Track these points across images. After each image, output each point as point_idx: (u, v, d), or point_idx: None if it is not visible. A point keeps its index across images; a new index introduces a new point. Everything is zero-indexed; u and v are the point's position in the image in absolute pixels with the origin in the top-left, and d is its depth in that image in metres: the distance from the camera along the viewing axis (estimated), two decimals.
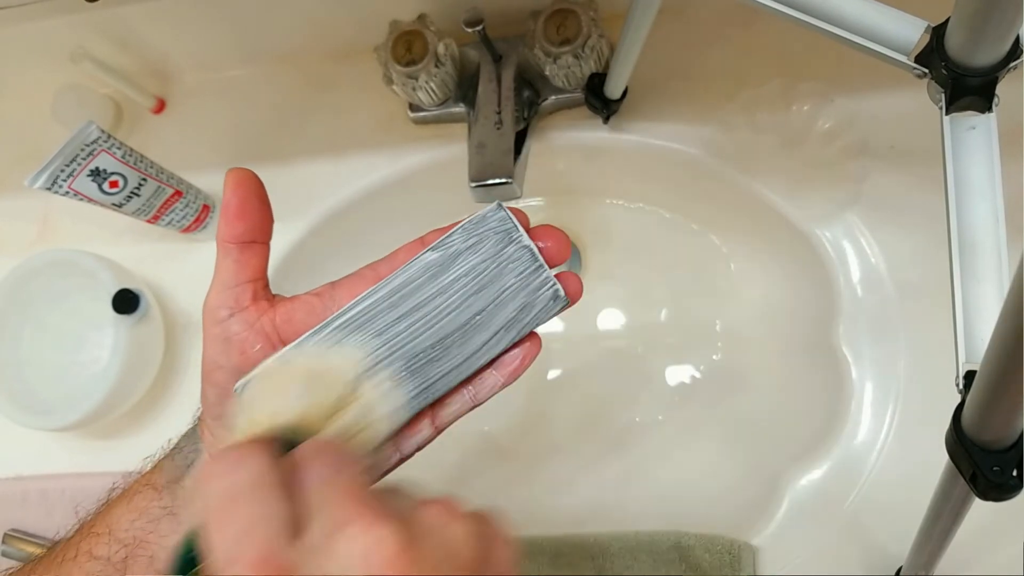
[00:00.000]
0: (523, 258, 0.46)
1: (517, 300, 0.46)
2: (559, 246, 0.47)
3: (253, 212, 0.47)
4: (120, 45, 0.93)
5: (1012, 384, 0.34)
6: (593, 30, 0.78)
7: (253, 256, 0.48)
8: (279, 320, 0.47)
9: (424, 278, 0.46)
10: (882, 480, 0.73)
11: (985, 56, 0.47)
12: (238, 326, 0.46)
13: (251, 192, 0.47)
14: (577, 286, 0.48)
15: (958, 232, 0.47)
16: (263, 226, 0.48)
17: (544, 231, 0.47)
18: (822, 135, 0.80)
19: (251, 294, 0.47)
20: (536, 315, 0.47)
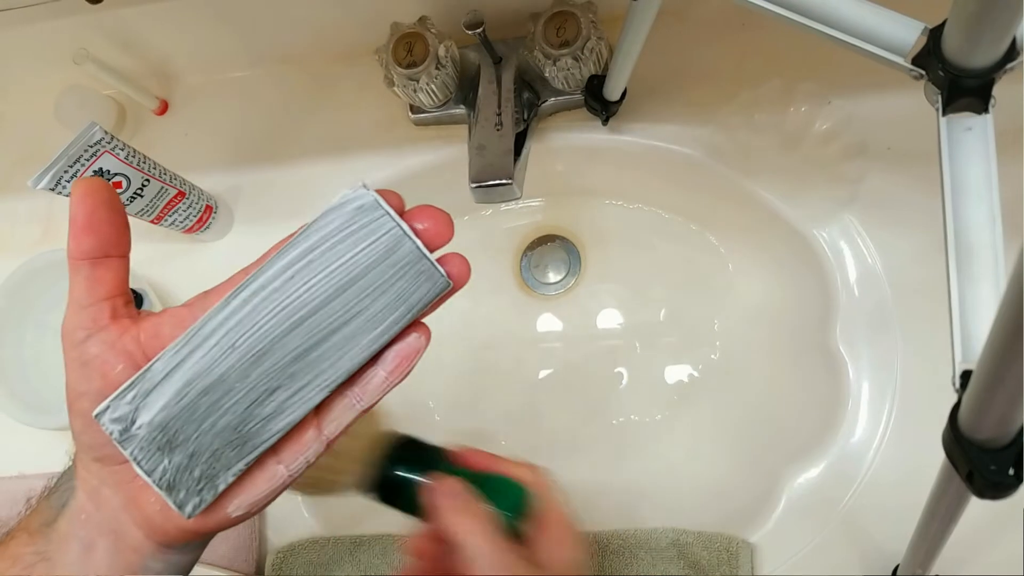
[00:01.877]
0: (396, 242, 0.42)
1: (394, 289, 0.43)
2: (439, 227, 0.44)
3: (103, 224, 0.44)
4: (123, 47, 0.94)
5: (1008, 383, 0.34)
6: (592, 32, 0.78)
7: (108, 272, 0.44)
8: (144, 337, 0.44)
9: (284, 278, 0.42)
10: (879, 479, 0.73)
11: (982, 58, 0.47)
12: (97, 347, 0.43)
13: (100, 202, 0.44)
14: (463, 267, 0.45)
15: (954, 232, 0.47)
16: (116, 239, 0.45)
17: (421, 212, 0.44)
18: (820, 136, 0.81)
19: (109, 312, 0.44)
20: (416, 303, 0.43)
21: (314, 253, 0.42)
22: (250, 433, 0.43)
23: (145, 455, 0.42)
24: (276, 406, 0.43)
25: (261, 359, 0.42)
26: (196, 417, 0.42)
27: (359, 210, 0.42)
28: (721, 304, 0.91)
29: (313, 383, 0.43)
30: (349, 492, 0.58)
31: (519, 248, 0.98)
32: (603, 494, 0.88)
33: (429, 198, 0.90)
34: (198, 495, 0.43)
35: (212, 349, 0.42)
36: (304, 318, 0.42)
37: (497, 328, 0.96)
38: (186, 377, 0.42)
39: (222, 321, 0.42)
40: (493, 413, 0.93)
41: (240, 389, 0.42)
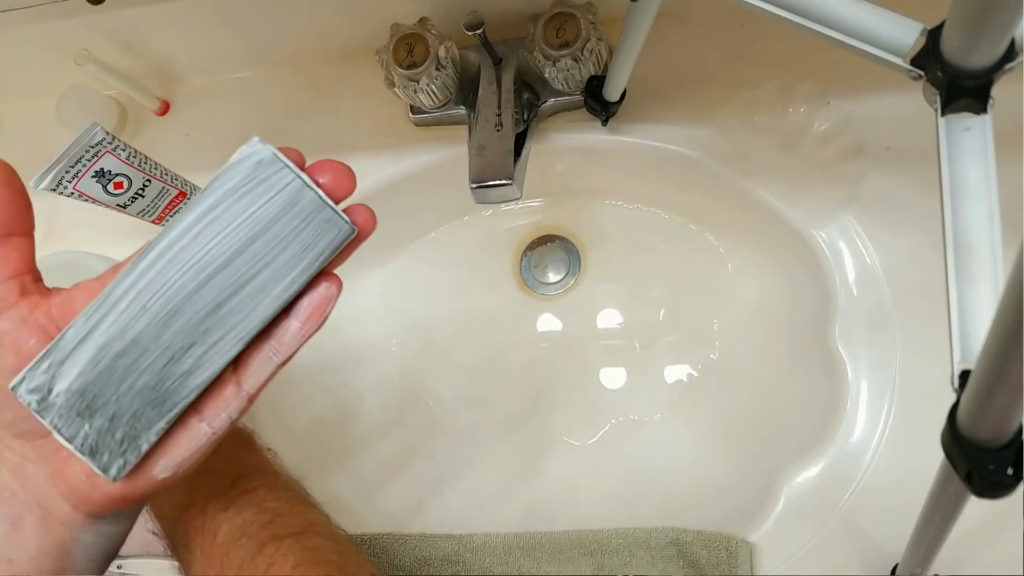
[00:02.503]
0: (298, 194, 0.43)
1: (299, 239, 0.43)
2: (339, 179, 0.44)
3: (3, 204, 0.45)
4: (124, 47, 0.94)
5: (1007, 383, 0.34)
6: (592, 33, 0.78)
7: (13, 251, 0.45)
8: (56, 311, 0.44)
9: (189, 236, 0.43)
10: (878, 478, 0.73)
11: (980, 58, 0.47)
12: (7, 324, 0.44)
13: (1, 182, 0.45)
14: (368, 215, 0.46)
15: (953, 233, 0.47)
16: (18, 216, 0.45)
17: (322, 165, 0.45)
18: (819, 136, 0.81)
19: (17, 290, 0.44)
20: (322, 251, 0.44)
21: (217, 210, 0.43)
22: (169, 391, 0.44)
23: (65, 422, 0.43)
24: (192, 362, 0.43)
25: (173, 318, 0.43)
26: (113, 380, 0.43)
27: (258, 164, 0.43)
28: (720, 304, 0.91)
29: (227, 337, 0.43)
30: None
31: (519, 248, 0.98)
32: (602, 493, 0.88)
33: (429, 198, 0.92)
34: (121, 456, 0.44)
35: (124, 312, 0.43)
36: (213, 274, 0.43)
37: (497, 328, 0.96)
38: (100, 342, 0.43)
39: (131, 284, 0.43)
40: (492, 412, 0.94)
41: (155, 349, 0.43)
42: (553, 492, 0.89)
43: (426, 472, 0.92)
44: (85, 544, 0.47)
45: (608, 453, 0.89)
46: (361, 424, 0.95)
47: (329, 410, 0.92)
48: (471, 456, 0.92)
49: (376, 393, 0.96)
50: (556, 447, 0.91)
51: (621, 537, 0.79)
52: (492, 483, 0.91)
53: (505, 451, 0.92)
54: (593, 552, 0.79)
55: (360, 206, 0.46)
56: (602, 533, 0.80)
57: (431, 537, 0.83)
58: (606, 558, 0.79)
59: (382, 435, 0.94)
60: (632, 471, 0.88)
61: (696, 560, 0.76)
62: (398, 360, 0.97)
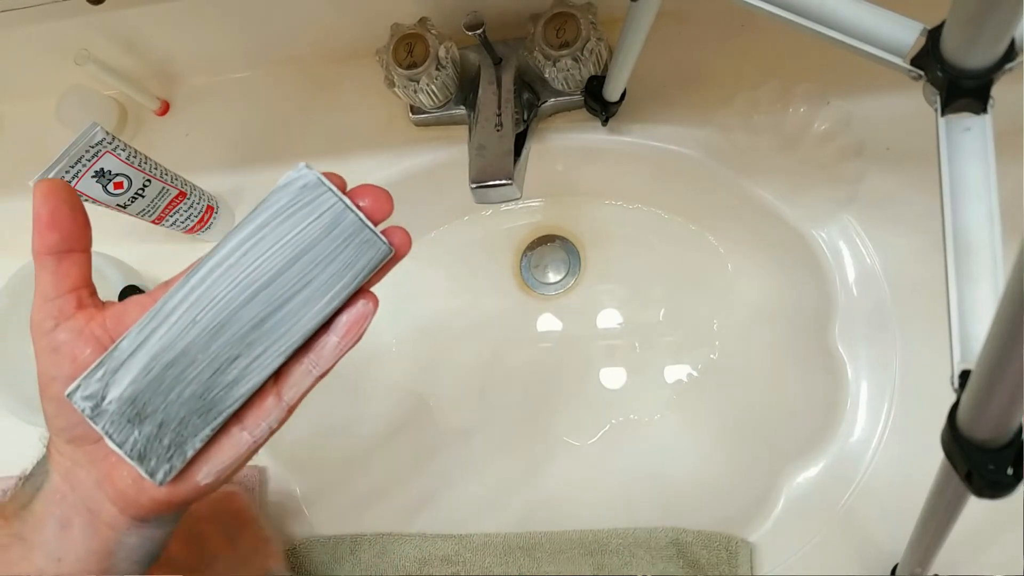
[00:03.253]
0: (339, 216, 0.46)
1: (340, 259, 0.46)
2: (378, 203, 0.47)
3: (65, 221, 0.47)
4: (124, 47, 0.94)
5: (1007, 383, 0.34)
6: (592, 33, 0.78)
7: (72, 266, 0.47)
8: (110, 323, 0.46)
9: (238, 254, 0.45)
10: (878, 478, 0.73)
11: (980, 58, 0.47)
12: (65, 335, 0.46)
13: (61, 201, 0.47)
14: (404, 237, 0.48)
15: (953, 232, 0.47)
16: (79, 234, 0.48)
17: (362, 189, 0.47)
18: (818, 136, 0.81)
19: (75, 303, 0.47)
20: (361, 270, 0.46)
21: (265, 230, 0.45)
22: (214, 400, 0.46)
23: (116, 428, 0.45)
24: (237, 373, 0.46)
25: (221, 330, 0.45)
26: (163, 389, 0.45)
27: (303, 188, 0.46)
28: (720, 304, 0.91)
29: (270, 349, 0.46)
30: None
31: (519, 248, 0.98)
32: (602, 493, 0.88)
33: (429, 198, 0.91)
34: (168, 462, 0.46)
35: (175, 325, 0.45)
36: (259, 290, 0.45)
37: (497, 328, 0.96)
38: (151, 352, 0.45)
39: (183, 298, 0.45)
40: (493, 412, 0.94)
41: (203, 360, 0.45)
42: (553, 492, 0.89)
43: (426, 472, 0.92)
44: (129, 546, 0.49)
45: (608, 453, 0.89)
46: (361, 424, 0.95)
47: (329, 410, 0.92)
48: (471, 456, 0.92)
49: (376, 393, 0.96)
50: (556, 447, 0.91)
51: (621, 537, 0.79)
52: (492, 483, 0.91)
53: (505, 451, 0.92)
54: (593, 552, 0.79)
55: (397, 228, 0.48)
56: (602, 533, 0.80)
57: (431, 537, 0.83)
58: (606, 558, 0.79)
59: (382, 435, 0.94)
60: (632, 471, 0.88)
61: (696, 560, 0.76)
62: (398, 360, 0.97)
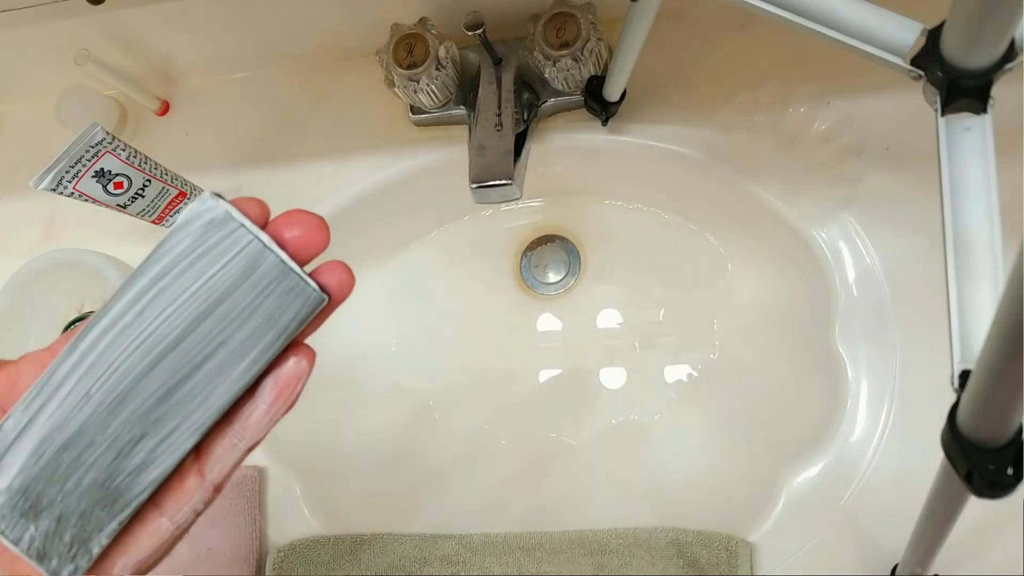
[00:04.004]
0: (258, 257, 0.37)
1: (260, 311, 0.38)
2: (310, 233, 0.38)
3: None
4: (124, 47, 0.94)
5: (1007, 383, 0.34)
6: (592, 33, 0.78)
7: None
8: (1, 390, 0.39)
9: (134, 312, 0.38)
10: (878, 478, 0.73)
11: (980, 58, 0.47)
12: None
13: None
14: (343, 275, 0.39)
15: (953, 232, 0.47)
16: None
17: (289, 218, 0.39)
18: (819, 136, 0.81)
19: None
20: (287, 324, 0.38)
21: (164, 280, 0.38)
22: (120, 488, 0.39)
23: (8, 524, 0.39)
24: (145, 456, 0.39)
25: (121, 405, 0.38)
26: (58, 477, 0.38)
27: (210, 225, 0.37)
28: (720, 304, 0.91)
29: (182, 427, 0.39)
30: None
31: (519, 248, 0.98)
32: (602, 493, 0.88)
33: (429, 198, 0.91)
34: (71, 562, 0.39)
35: (65, 400, 0.38)
36: (163, 354, 0.38)
37: (497, 328, 0.96)
38: (41, 433, 0.38)
39: (72, 367, 0.38)
40: (492, 413, 0.94)
41: (102, 441, 0.38)
42: (553, 492, 0.89)
43: (426, 472, 0.92)
44: None
45: (608, 453, 0.89)
46: (361, 424, 0.95)
47: (329, 410, 0.92)
48: (471, 456, 0.92)
49: (376, 393, 0.96)
50: (556, 447, 0.91)
51: (621, 537, 0.79)
52: (492, 483, 0.91)
53: (505, 451, 0.92)
54: (593, 552, 0.79)
55: (334, 264, 0.40)
56: (602, 533, 0.80)
57: (431, 537, 0.83)
58: (606, 558, 0.79)
59: (382, 435, 0.94)
60: (632, 471, 0.88)
61: (696, 560, 0.76)
62: (398, 360, 0.97)
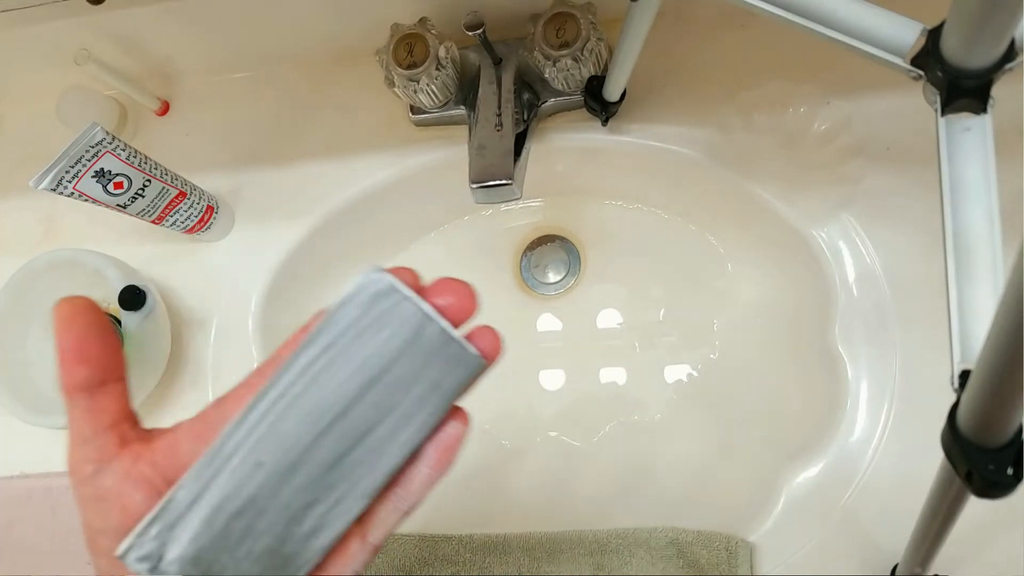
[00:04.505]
0: (420, 327, 0.39)
1: (424, 379, 0.39)
2: (463, 301, 0.41)
3: (94, 350, 0.40)
4: (125, 47, 0.94)
5: (1007, 383, 0.34)
6: (592, 33, 0.78)
7: (108, 399, 0.41)
8: (160, 459, 0.40)
9: (304, 382, 0.39)
10: (878, 478, 0.73)
11: (980, 58, 0.47)
12: (110, 479, 0.39)
13: (88, 326, 0.40)
14: (494, 341, 0.42)
15: (953, 232, 0.47)
16: (111, 363, 0.41)
17: (442, 287, 0.41)
18: (819, 136, 0.81)
19: (117, 441, 0.40)
20: (449, 390, 0.40)
21: (333, 351, 0.39)
22: (291, 555, 0.39)
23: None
24: (315, 522, 0.39)
25: (292, 473, 0.39)
26: (230, 544, 0.39)
27: (375, 297, 0.39)
28: (720, 304, 0.91)
29: (352, 492, 0.40)
30: None
31: (519, 248, 0.98)
32: (602, 493, 0.88)
33: (429, 198, 0.91)
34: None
35: (237, 469, 0.39)
36: (332, 423, 0.39)
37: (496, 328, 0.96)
38: (213, 502, 0.38)
39: (244, 437, 0.39)
40: (492, 413, 0.94)
41: (273, 508, 0.39)
42: (553, 492, 0.89)
43: None
44: None
45: (608, 453, 0.89)
46: None
47: None
48: (470, 456, 0.92)
49: None
50: (556, 447, 0.91)
51: (621, 537, 0.79)
52: (492, 483, 0.91)
53: (504, 451, 0.92)
54: (593, 552, 0.79)
55: (485, 330, 0.42)
56: (602, 533, 0.80)
57: (431, 537, 0.83)
58: (606, 558, 0.79)
59: None
60: (632, 471, 0.88)
61: (696, 560, 0.76)
62: None
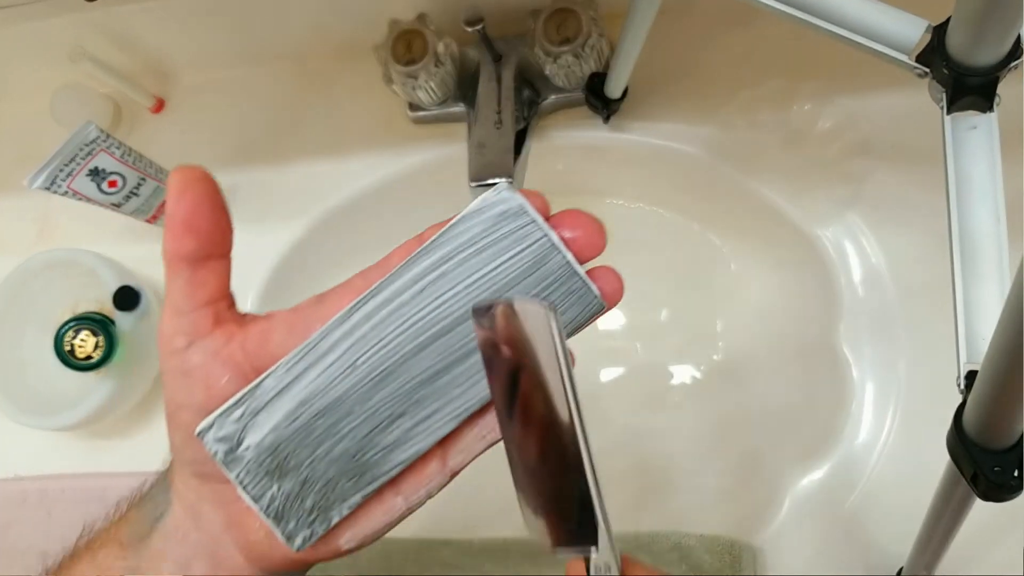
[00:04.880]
0: (545, 255, 0.38)
1: None
2: (590, 236, 0.39)
3: (205, 223, 0.39)
4: (119, 44, 0.93)
5: (1013, 384, 0.34)
6: (593, 29, 0.78)
7: (211, 274, 0.39)
8: (251, 345, 0.39)
9: (414, 290, 0.38)
10: (883, 481, 0.73)
11: (986, 56, 0.47)
12: (199, 356, 0.39)
13: (203, 197, 0.39)
14: (616, 284, 0.39)
15: (959, 232, 0.47)
16: (220, 239, 0.40)
17: (570, 218, 0.39)
18: (823, 134, 0.80)
19: (212, 318, 0.39)
20: (567, 327, 0.38)
21: (449, 264, 0.38)
22: (369, 463, 0.39)
23: (252, 479, 0.39)
24: (400, 435, 0.39)
25: (384, 381, 0.38)
26: (310, 441, 0.39)
27: (502, 216, 0.38)
28: (723, 304, 0.90)
29: (442, 412, 0.39)
30: None
31: None
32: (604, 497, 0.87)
33: (428, 197, 0.91)
34: (308, 527, 0.39)
35: (330, 367, 0.38)
36: (435, 337, 0.38)
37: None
38: (300, 396, 0.38)
39: (343, 336, 0.38)
40: None
41: (360, 413, 0.38)
42: None
43: None
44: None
45: (610, 455, 0.89)
46: None
47: None
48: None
49: None
50: None
51: (623, 541, 0.78)
52: (492, 487, 0.90)
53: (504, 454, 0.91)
54: None
55: (607, 270, 0.40)
56: None
57: (430, 542, 0.83)
58: None
59: None
60: (634, 474, 0.87)
61: (699, 564, 0.75)
62: None
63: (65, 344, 0.82)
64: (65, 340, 0.82)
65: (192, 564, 0.41)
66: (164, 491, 0.43)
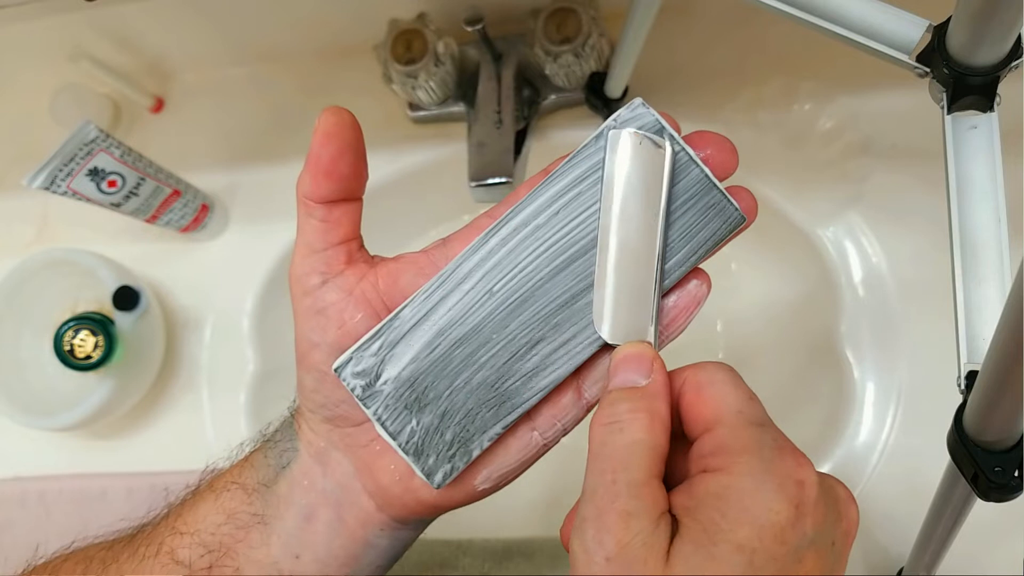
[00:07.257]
0: (682, 170, 0.37)
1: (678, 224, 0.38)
2: (724, 154, 0.39)
3: (346, 170, 0.39)
4: (118, 44, 0.93)
5: (1014, 384, 0.34)
6: (593, 29, 0.78)
7: (344, 215, 0.40)
8: (383, 284, 0.40)
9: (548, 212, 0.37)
10: (884, 481, 0.73)
11: (986, 55, 0.46)
12: (333, 294, 0.39)
13: (346, 145, 0.39)
14: (752, 201, 0.40)
15: (959, 232, 0.47)
16: (357, 184, 0.40)
17: (702, 137, 0.39)
18: (823, 134, 0.80)
19: (345, 257, 0.40)
20: (704, 241, 0.38)
21: (584, 184, 0.38)
22: (509, 392, 0.38)
23: (390, 415, 0.38)
24: (539, 361, 0.38)
25: (522, 307, 0.38)
26: (448, 372, 0.38)
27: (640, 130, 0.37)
28: (724, 304, 0.90)
29: (580, 336, 0.38)
30: None
31: None
32: None
33: (428, 196, 0.91)
34: (449, 462, 0.39)
35: (467, 294, 0.38)
36: (572, 259, 0.37)
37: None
38: (438, 326, 0.38)
39: (478, 262, 0.38)
40: None
41: (498, 341, 0.38)
42: (552, 495, 0.88)
43: None
44: (377, 549, 0.43)
45: None
46: None
47: None
48: None
49: None
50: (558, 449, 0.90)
51: None
52: None
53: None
54: None
55: (743, 190, 0.40)
56: None
57: (429, 542, 0.83)
58: None
59: None
60: None
61: None
62: None
63: (64, 344, 0.82)
64: (64, 340, 0.82)
65: (318, 513, 0.42)
66: (290, 438, 0.43)
